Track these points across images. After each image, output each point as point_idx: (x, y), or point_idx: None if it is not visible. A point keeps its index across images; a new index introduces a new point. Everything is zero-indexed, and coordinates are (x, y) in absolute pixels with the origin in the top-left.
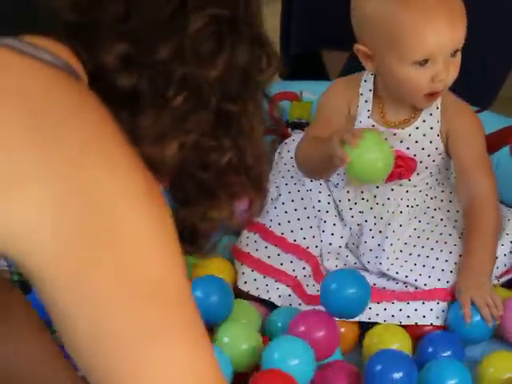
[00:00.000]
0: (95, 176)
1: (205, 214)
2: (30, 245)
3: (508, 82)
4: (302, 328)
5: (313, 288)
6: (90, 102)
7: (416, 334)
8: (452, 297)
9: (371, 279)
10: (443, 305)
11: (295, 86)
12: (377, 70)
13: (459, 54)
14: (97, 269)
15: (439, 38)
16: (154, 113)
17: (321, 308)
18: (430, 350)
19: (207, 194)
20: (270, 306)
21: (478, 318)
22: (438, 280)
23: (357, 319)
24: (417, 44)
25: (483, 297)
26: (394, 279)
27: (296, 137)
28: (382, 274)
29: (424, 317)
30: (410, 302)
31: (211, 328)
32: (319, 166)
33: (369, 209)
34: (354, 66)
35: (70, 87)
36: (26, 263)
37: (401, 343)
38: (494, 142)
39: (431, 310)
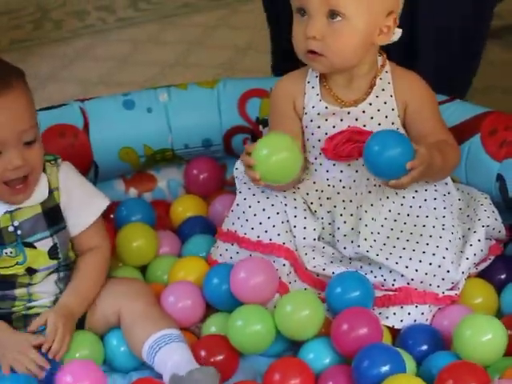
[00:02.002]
0: None
1: None
2: None
3: (481, 73)
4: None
5: (295, 284)
6: None
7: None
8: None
9: (351, 269)
10: (434, 308)
11: (266, 83)
12: None
13: (343, 22)
14: None
15: None
16: None
17: None
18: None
19: None
20: None
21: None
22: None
23: None
24: None
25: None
26: (371, 271)
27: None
28: (360, 260)
29: (415, 321)
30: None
31: None
32: None
33: (336, 194)
34: None
35: None
36: None
37: None
38: (465, 131)
39: (422, 313)
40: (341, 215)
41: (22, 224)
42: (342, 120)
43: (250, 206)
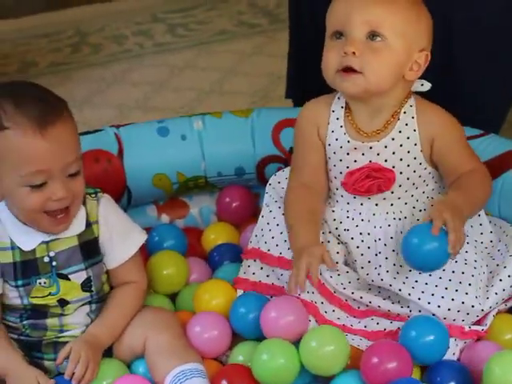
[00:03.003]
0: None
1: None
2: None
3: None
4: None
5: (323, 306)
6: None
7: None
8: (469, 336)
9: (376, 301)
10: (459, 342)
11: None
12: None
13: (382, 43)
14: None
15: (346, 11)
16: None
17: None
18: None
19: None
20: None
21: (431, 337)
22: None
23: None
24: (330, 14)
25: (455, 223)
26: (398, 301)
27: (286, 169)
28: (379, 292)
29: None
30: None
31: None
32: None
33: (354, 226)
34: None
35: None
36: None
37: None
38: (498, 165)
39: (448, 347)
40: (357, 247)
41: (57, 255)
42: (363, 154)
43: (277, 224)
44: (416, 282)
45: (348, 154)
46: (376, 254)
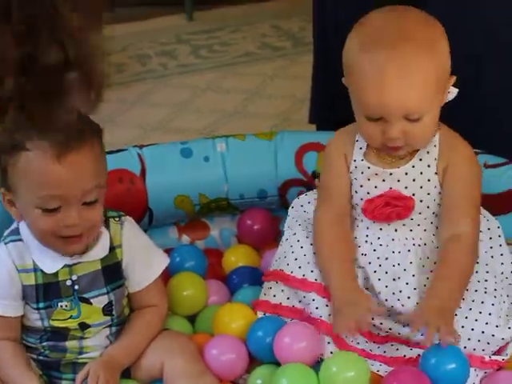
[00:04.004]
0: None
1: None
2: None
3: None
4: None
5: None
6: None
7: None
8: (489, 366)
9: (396, 328)
10: (479, 372)
11: (323, 136)
12: None
13: (421, 121)
14: None
15: (381, 102)
16: None
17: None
18: None
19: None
20: None
21: (452, 366)
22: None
23: None
24: (363, 101)
25: (449, 329)
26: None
27: (309, 193)
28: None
29: None
30: None
31: None
32: None
33: (372, 251)
34: None
35: None
36: None
37: None
38: None
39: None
40: (374, 272)
41: (80, 279)
42: (383, 181)
43: (301, 247)
44: None
45: (369, 179)
46: (394, 279)
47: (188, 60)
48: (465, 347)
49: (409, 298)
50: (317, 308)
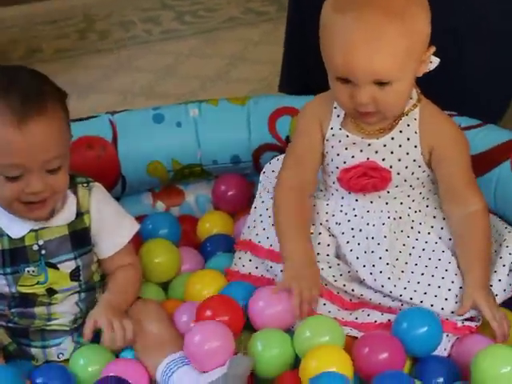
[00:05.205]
0: None
1: None
2: None
3: None
4: None
5: None
6: None
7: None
8: (462, 331)
9: (367, 294)
10: (452, 338)
11: (297, 101)
12: None
13: (392, 86)
14: None
15: (347, 62)
16: None
17: None
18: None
19: None
20: None
21: (424, 329)
22: (443, 303)
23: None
24: (332, 61)
25: (492, 310)
26: (390, 292)
27: (280, 157)
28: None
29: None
30: None
31: None
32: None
33: (346, 221)
34: None
35: None
36: None
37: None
38: (495, 156)
39: None
40: (347, 242)
41: (46, 244)
42: (361, 151)
43: (269, 216)
44: (408, 282)
45: (346, 148)
46: (365, 252)
47: (172, 26)
48: (442, 309)
49: (381, 272)
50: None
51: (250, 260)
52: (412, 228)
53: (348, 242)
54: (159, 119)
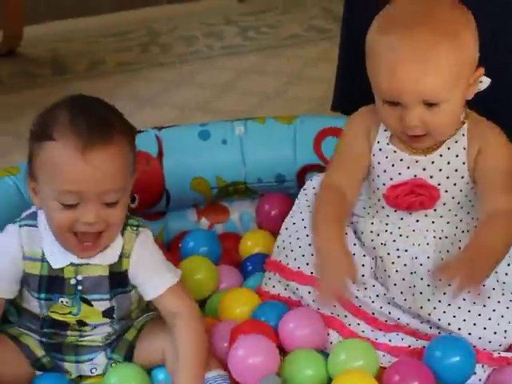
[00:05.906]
0: None
1: None
2: None
3: None
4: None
5: (346, 319)
6: None
7: None
8: (498, 362)
9: (404, 318)
10: (488, 369)
11: (343, 122)
12: None
13: (440, 107)
14: None
15: (394, 84)
16: None
17: None
18: None
19: None
20: None
21: (456, 359)
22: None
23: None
24: (379, 84)
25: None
26: (428, 320)
27: (323, 175)
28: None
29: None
30: None
31: None
32: None
33: (392, 241)
34: None
35: None
36: None
37: None
38: None
39: (475, 373)
40: (392, 263)
41: (84, 280)
42: (408, 168)
43: (297, 238)
44: (449, 305)
45: (393, 165)
46: (411, 273)
47: (234, 41)
48: (475, 346)
49: (421, 293)
50: (313, 301)
51: (279, 281)
52: (459, 248)
53: (393, 263)
54: (205, 136)
